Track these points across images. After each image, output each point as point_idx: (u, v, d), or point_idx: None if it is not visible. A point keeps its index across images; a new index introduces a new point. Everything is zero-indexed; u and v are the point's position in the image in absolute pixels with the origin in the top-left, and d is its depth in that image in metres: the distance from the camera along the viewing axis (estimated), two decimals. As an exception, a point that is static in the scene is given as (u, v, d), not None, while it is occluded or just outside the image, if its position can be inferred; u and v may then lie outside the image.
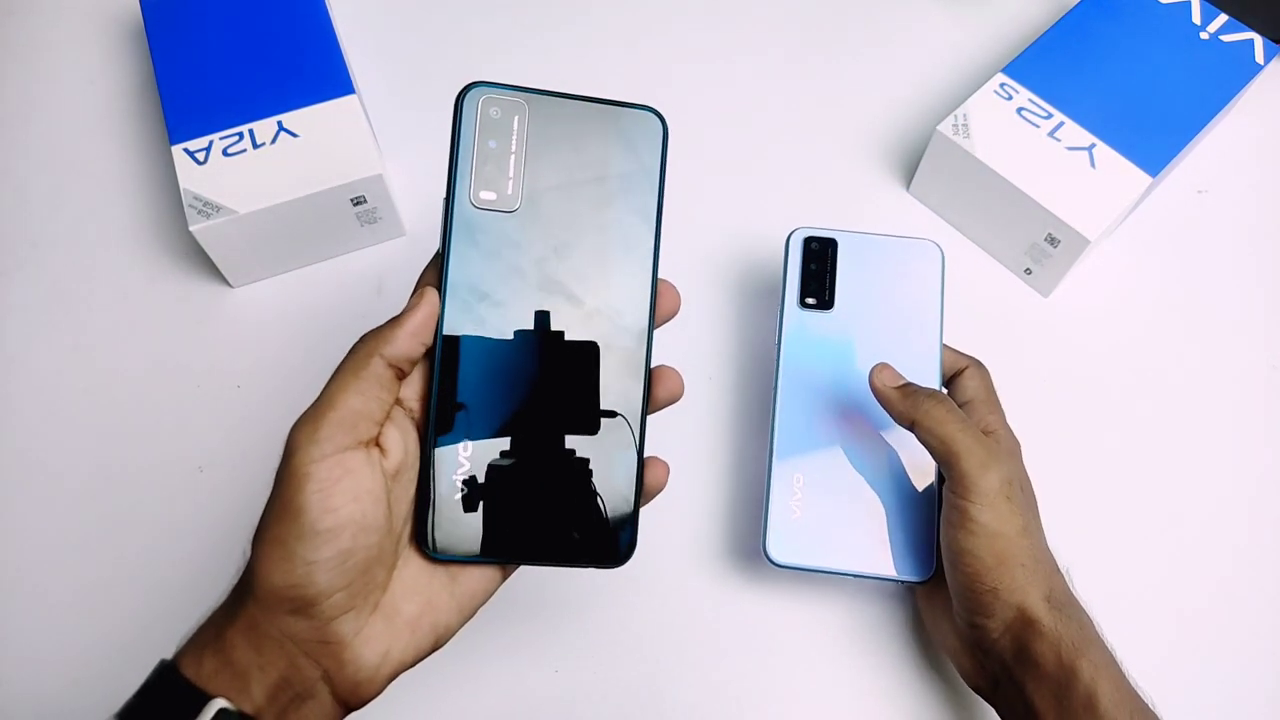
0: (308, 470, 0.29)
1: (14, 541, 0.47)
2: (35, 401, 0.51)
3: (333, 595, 0.29)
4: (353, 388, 0.30)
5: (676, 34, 0.64)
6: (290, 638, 0.29)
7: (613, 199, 0.34)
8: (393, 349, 0.31)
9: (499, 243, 0.32)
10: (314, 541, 0.28)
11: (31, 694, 0.44)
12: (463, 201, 0.32)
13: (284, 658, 0.29)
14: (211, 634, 0.30)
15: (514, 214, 0.32)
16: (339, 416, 0.29)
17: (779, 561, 0.42)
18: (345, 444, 0.29)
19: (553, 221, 0.33)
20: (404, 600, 0.31)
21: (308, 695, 0.30)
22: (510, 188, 0.32)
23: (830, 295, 0.47)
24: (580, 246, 0.33)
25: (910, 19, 0.65)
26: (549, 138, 0.33)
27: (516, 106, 0.33)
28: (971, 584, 0.37)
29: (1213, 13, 0.58)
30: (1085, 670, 0.35)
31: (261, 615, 0.29)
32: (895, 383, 0.41)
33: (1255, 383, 0.52)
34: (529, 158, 0.33)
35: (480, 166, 0.32)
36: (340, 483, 0.29)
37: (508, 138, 0.32)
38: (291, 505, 0.29)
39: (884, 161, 0.59)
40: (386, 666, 0.31)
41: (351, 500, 0.29)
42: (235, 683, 0.29)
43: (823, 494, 0.43)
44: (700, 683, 0.44)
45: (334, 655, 0.30)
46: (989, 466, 0.37)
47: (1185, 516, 0.49)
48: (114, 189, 0.58)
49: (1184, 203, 0.58)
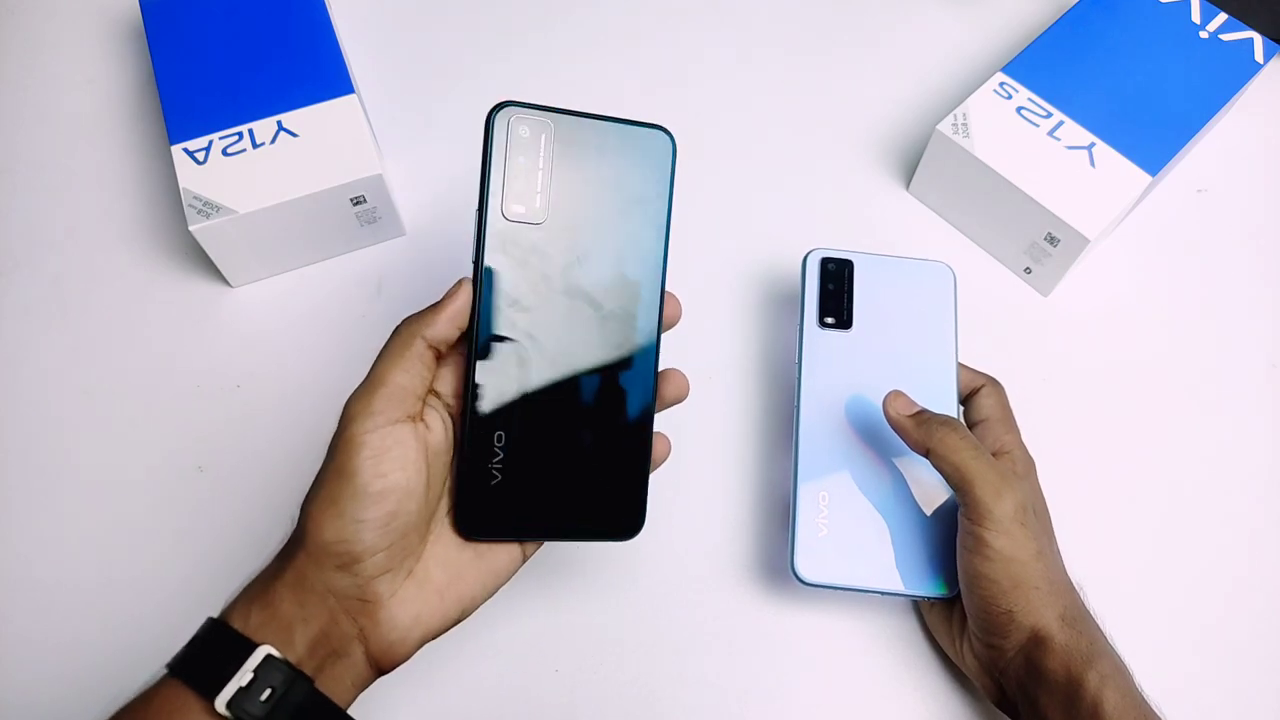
0: (363, 439, 0.32)
1: (13, 541, 0.47)
2: (35, 401, 0.51)
3: (375, 554, 0.32)
4: (399, 365, 0.33)
5: (676, 32, 0.64)
6: (334, 593, 0.32)
7: (628, 211, 0.36)
8: (434, 331, 0.34)
9: (527, 252, 0.35)
10: (364, 501, 0.32)
11: (32, 693, 0.44)
12: (495, 215, 0.34)
13: (326, 612, 0.32)
14: (259, 588, 0.33)
15: (541, 226, 0.35)
16: (389, 392, 0.33)
17: (809, 580, 0.42)
18: (395, 417, 0.33)
19: (575, 233, 0.35)
20: (435, 569, 0.34)
21: (343, 653, 0.32)
22: (538, 202, 0.35)
23: (849, 315, 0.47)
24: (599, 255, 0.36)
25: (910, 18, 0.65)
26: (571, 155, 0.35)
27: (543, 125, 0.35)
28: (988, 607, 0.38)
29: (1212, 11, 0.58)
30: (1092, 680, 0.36)
31: (310, 568, 0.32)
32: (909, 410, 0.42)
33: (1255, 382, 0.52)
34: (554, 174, 0.35)
35: (510, 182, 0.34)
36: (391, 451, 0.32)
37: (535, 155, 0.35)
38: (346, 469, 0.32)
39: (883, 161, 0.59)
40: (417, 630, 0.34)
41: (399, 468, 0.32)
42: (281, 634, 0.31)
43: (848, 512, 0.43)
44: (719, 691, 0.44)
45: (370, 614, 0.33)
46: (1003, 493, 0.38)
47: (1184, 515, 0.49)
48: (113, 189, 0.58)
49: (1184, 202, 0.58)
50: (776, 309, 0.54)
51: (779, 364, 0.53)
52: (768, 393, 0.52)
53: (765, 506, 0.48)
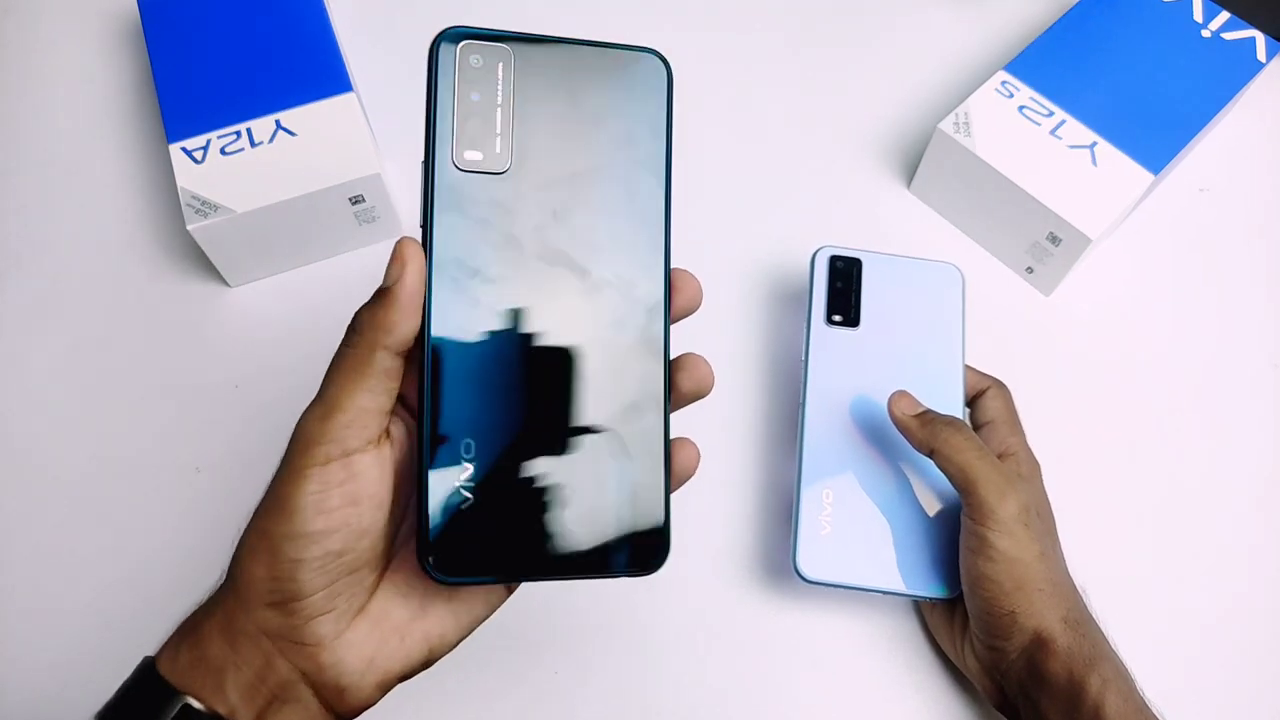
0: (309, 472, 0.27)
1: (11, 541, 0.47)
2: (33, 401, 0.51)
3: (313, 595, 0.28)
4: (360, 386, 0.28)
5: (676, 32, 0.64)
6: (267, 634, 0.28)
7: (615, 153, 0.30)
8: (395, 337, 0.28)
9: (489, 209, 0.28)
10: (301, 542, 0.27)
11: (27, 694, 0.43)
12: (444, 163, 0.28)
13: (260, 655, 0.28)
14: (189, 627, 0.29)
15: (504, 175, 0.29)
16: (347, 419, 0.28)
17: (810, 578, 0.42)
18: (352, 446, 0.28)
19: (549, 182, 0.29)
20: (395, 605, 0.30)
21: (288, 698, 0.28)
22: (498, 145, 0.28)
23: (856, 313, 0.47)
24: (582, 208, 0.29)
25: (911, 17, 0.65)
26: (539, 88, 0.29)
27: (500, 53, 0.29)
28: (990, 608, 0.38)
29: (1214, 10, 0.57)
30: (1094, 684, 0.36)
31: (239, 608, 0.28)
32: (913, 411, 0.42)
33: (1256, 381, 0.52)
34: (517, 111, 0.29)
35: (462, 123, 0.28)
36: (343, 486, 0.28)
37: (492, 89, 0.28)
38: (287, 504, 0.27)
39: (885, 160, 0.59)
40: (372, 674, 0.29)
41: (350, 504, 0.28)
42: (210, 678, 0.28)
43: (851, 510, 0.43)
44: (719, 689, 0.44)
45: (311, 657, 0.28)
46: (1006, 493, 0.38)
47: (1185, 515, 0.48)
48: (111, 188, 0.57)
49: (1186, 201, 0.58)
50: (777, 307, 0.54)
51: (782, 361, 0.52)
52: (772, 390, 0.52)
53: (768, 503, 0.48)
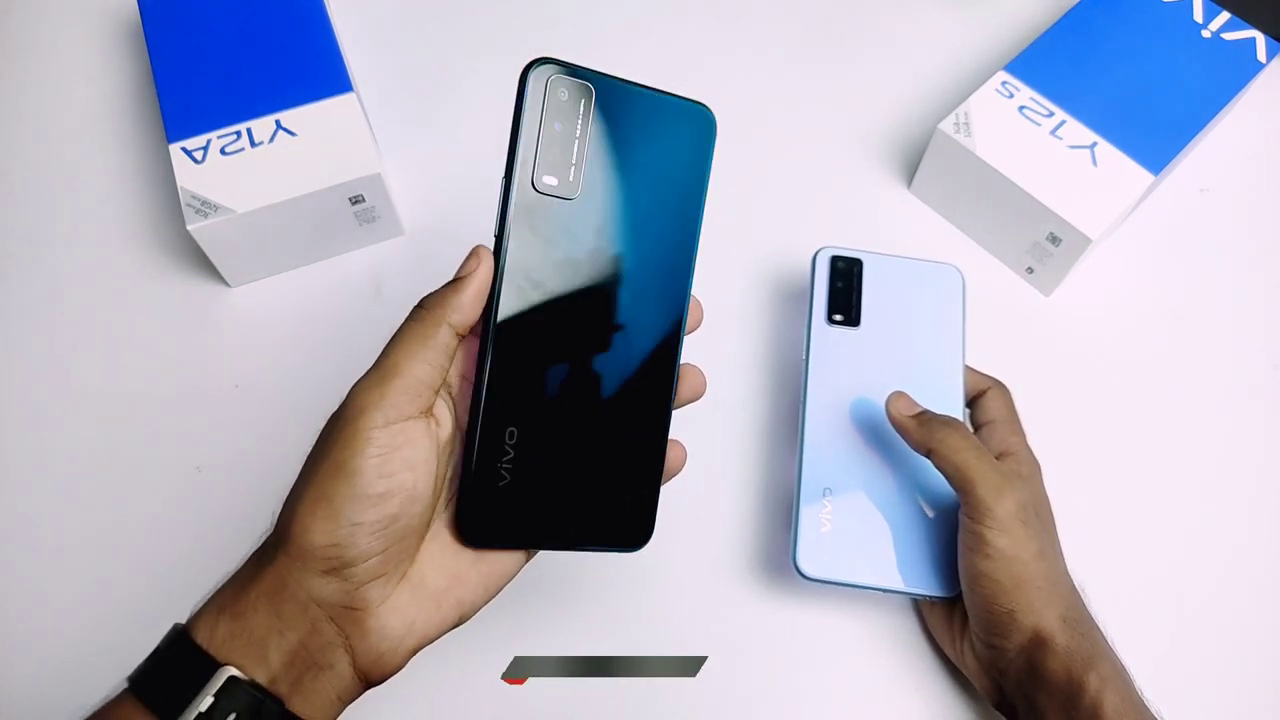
0: (370, 435, 0.29)
1: (12, 540, 0.47)
2: (33, 401, 0.51)
3: (370, 559, 0.29)
4: (420, 355, 0.30)
5: (677, 33, 0.64)
6: (317, 600, 0.29)
7: (665, 193, 0.33)
8: (461, 316, 0.30)
9: (556, 230, 0.31)
10: (363, 504, 0.29)
11: (29, 693, 0.43)
12: (524, 184, 0.31)
13: (306, 621, 0.29)
14: (231, 595, 0.30)
15: (573, 201, 0.31)
16: (405, 384, 0.30)
17: (810, 575, 0.42)
18: (409, 412, 0.30)
19: (608, 212, 0.32)
20: (432, 572, 0.31)
21: (325, 665, 0.29)
22: (572, 174, 0.31)
23: (857, 313, 0.48)
24: (631, 238, 0.33)
25: (912, 17, 0.65)
26: (611, 125, 0.32)
27: (584, 90, 0.31)
28: (989, 606, 0.38)
29: (1214, 10, 0.57)
30: (1092, 683, 0.36)
31: (292, 574, 0.29)
32: (911, 411, 0.42)
33: (1257, 382, 0.52)
34: (591, 144, 0.32)
35: (544, 149, 0.31)
36: (400, 450, 0.29)
37: (573, 122, 0.31)
38: (346, 466, 0.29)
39: (885, 160, 0.59)
40: (410, 638, 0.31)
41: (407, 468, 0.29)
42: (252, 649, 0.29)
43: (851, 509, 0.43)
44: (719, 688, 0.44)
45: (358, 622, 0.30)
46: (1003, 492, 0.38)
47: (1185, 515, 0.48)
48: (111, 188, 0.57)
49: (1186, 201, 0.58)
50: (778, 307, 0.54)
51: (782, 361, 0.52)
52: (772, 389, 0.52)
53: (768, 501, 0.48)
